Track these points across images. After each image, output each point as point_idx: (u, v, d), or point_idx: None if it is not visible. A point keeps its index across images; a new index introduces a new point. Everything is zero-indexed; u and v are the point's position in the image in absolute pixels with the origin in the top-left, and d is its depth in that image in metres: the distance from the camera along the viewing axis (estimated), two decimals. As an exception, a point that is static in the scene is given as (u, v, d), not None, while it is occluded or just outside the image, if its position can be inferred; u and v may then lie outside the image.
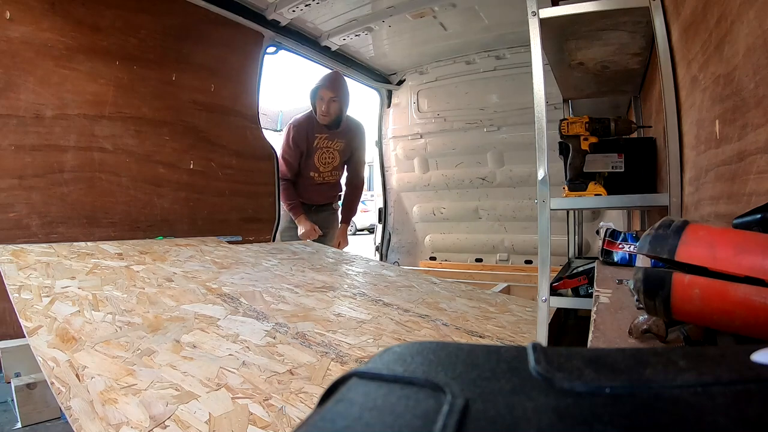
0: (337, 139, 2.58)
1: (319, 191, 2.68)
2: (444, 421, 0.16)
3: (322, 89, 2.42)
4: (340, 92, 2.45)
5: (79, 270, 1.29)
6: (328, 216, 2.77)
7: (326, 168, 2.63)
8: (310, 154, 2.56)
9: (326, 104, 2.42)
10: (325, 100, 2.42)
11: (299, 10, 2.40)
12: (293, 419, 0.74)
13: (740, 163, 0.69)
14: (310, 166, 2.58)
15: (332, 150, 2.60)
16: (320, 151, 2.56)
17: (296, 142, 2.51)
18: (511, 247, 3.22)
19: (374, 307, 1.34)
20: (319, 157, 2.58)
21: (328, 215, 2.76)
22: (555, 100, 2.09)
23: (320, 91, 2.43)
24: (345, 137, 2.61)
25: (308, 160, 2.56)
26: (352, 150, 2.69)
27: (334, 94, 2.43)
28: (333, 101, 2.43)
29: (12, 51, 1.60)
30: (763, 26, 0.60)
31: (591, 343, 0.58)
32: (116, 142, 1.92)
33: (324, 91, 2.42)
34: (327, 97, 2.42)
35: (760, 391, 0.18)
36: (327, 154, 2.60)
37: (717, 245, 0.37)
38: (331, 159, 2.62)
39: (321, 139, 2.54)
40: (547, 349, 0.22)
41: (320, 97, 2.43)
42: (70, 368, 0.82)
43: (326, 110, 2.43)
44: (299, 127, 2.52)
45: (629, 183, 1.35)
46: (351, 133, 2.65)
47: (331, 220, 2.77)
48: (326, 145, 2.57)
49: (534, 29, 1.17)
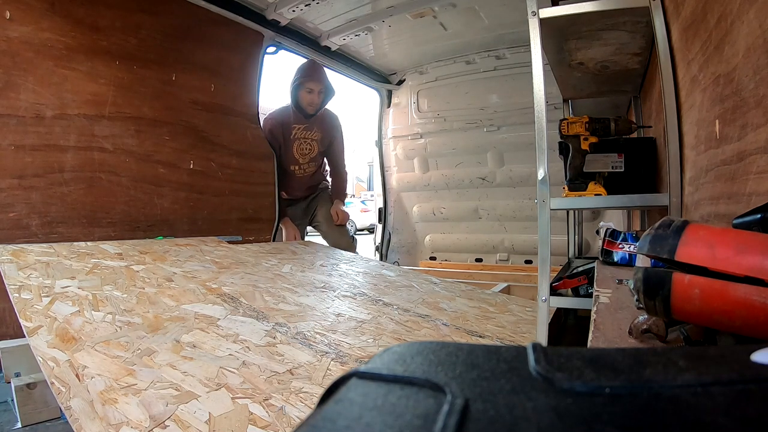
0: (315, 128, 2.61)
1: (302, 183, 2.73)
2: (444, 421, 0.16)
3: (309, 81, 2.44)
4: (326, 82, 2.50)
5: (79, 270, 1.29)
6: (317, 196, 2.80)
7: (305, 159, 2.66)
8: (288, 145, 2.59)
9: (316, 95, 2.45)
10: (315, 92, 2.45)
11: (299, 10, 2.40)
12: (293, 419, 0.74)
13: (740, 163, 0.69)
14: (289, 159, 2.61)
15: (310, 140, 2.63)
16: (298, 142, 2.59)
17: (273, 135, 2.55)
18: (511, 247, 3.22)
19: (374, 307, 1.34)
20: (297, 148, 2.60)
21: (315, 196, 2.80)
22: (555, 100, 2.09)
23: (308, 84, 2.44)
24: (321, 126, 2.64)
25: (287, 152, 2.60)
26: (330, 139, 2.70)
27: (323, 85, 2.46)
28: (321, 92, 2.47)
29: (12, 51, 1.60)
30: (763, 26, 0.60)
31: (591, 343, 0.58)
32: (116, 142, 1.92)
33: (312, 83, 2.44)
34: (316, 88, 2.45)
35: (760, 391, 0.18)
36: (305, 144, 2.63)
37: (717, 245, 0.37)
38: (309, 149, 2.64)
39: (298, 130, 2.57)
40: (547, 349, 0.22)
41: (308, 90, 2.44)
42: (70, 368, 0.81)
43: (316, 101, 2.46)
44: (274, 120, 2.57)
45: (629, 183, 1.35)
46: (327, 123, 2.67)
47: (320, 198, 2.80)
48: (303, 136, 2.61)
49: (534, 29, 1.17)
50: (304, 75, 2.43)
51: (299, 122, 2.55)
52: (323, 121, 2.64)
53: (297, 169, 2.65)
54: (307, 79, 2.43)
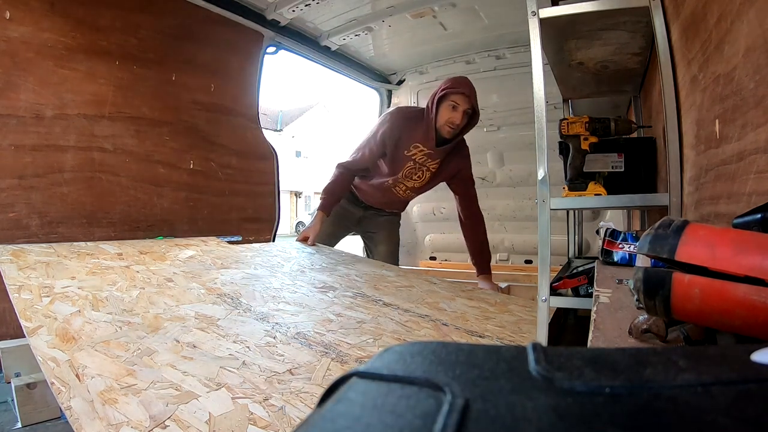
0: (438, 158, 2.02)
1: (385, 197, 2.18)
2: (444, 421, 0.16)
3: (457, 94, 1.89)
4: (476, 103, 1.94)
5: (79, 270, 1.29)
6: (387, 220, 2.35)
7: (408, 185, 2.11)
8: (396, 161, 2.02)
9: (460, 114, 1.90)
10: (459, 110, 1.90)
11: (299, 10, 2.40)
12: (293, 419, 0.74)
13: (740, 162, 0.69)
14: (391, 171, 2.06)
15: (426, 169, 2.04)
16: (411, 164, 2.02)
17: (384, 139, 2.00)
18: (511, 247, 3.22)
19: (374, 307, 1.34)
20: (406, 172, 2.04)
21: (385, 220, 2.35)
22: (555, 100, 2.09)
23: (454, 96, 1.90)
24: (447, 159, 2.04)
25: (392, 164, 2.04)
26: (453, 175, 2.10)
27: (470, 105, 1.91)
28: (466, 113, 1.92)
29: (12, 51, 1.60)
30: (763, 26, 0.60)
31: (591, 342, 0.58)
32: (116, 142, 1.92)
33: (460, 97, 1.89)
34: (463, 106, 1.90)
35: (760, 391, 0.18)
36: (418, 171, 2.05)
37: (717, 245, 0.37)
38: (419, 178, 2.08)
39: (418, 152, 2.00)
40: (547, 348, 0.22)
41: (452, 104, 1.90)
42: (70, 368, 0.81)
43: (456, 122, 1.90)
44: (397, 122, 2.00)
45: (629, 183, 1.35)
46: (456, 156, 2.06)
47: (387, 224, 2.35)
48: (422, 161, 2.01)
49: (534, 29, 1.17)
50: (451, 85, 1.91)
51: (425, 142, 1.97)
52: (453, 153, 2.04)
53: (392, 184, 2.10)
54: (453, 90, 1.90)
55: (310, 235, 2.11)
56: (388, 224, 2.37)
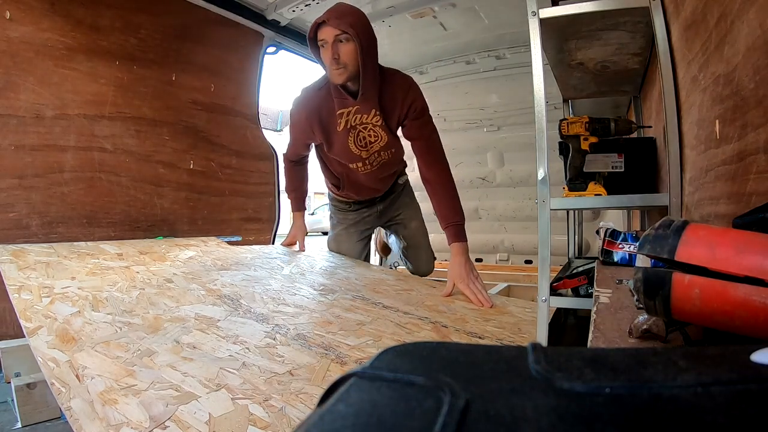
0: (371, 107, 1.62)
1: (370, 180, 1.87)
2: (444, 421, 0.16)
3: (318, 30, 1.48)
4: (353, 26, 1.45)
5: (79, 270, 1.29)
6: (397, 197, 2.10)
7: (373, 152, 1.74)
8: (339, 143, 1.69)
9: (331, 49, 1.46)
10: (329, 43, 1.46)
11: (299, 10, 2.40)
12: (293, 419, 0.73)
13: (740, 163, 0.69)
14: (343, 157, 1.75)
15: (370, 126, 1.66)
16: (353, 134, 1.67)
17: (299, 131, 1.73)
18: (511, 247, 3.22)
19: (374, 309, 1.34)
20: (358, 145, 1.70)
21: (395, 196, 2.10)
22: (555, 100, 2.09)
23: (318, 36, 1.49)
24: (383, 101, 1.63)
25: (341, 152, 1.72)
26: (404, 114, 1.67)
27: (340, 30, 1.45)
28: (340, 42, 1.46)
29: (12, 51, 1.60)
30: (763, 26, 0.60)
31: (591, 343, 0.58)
32: (116, 142, 1.92)
33: (323, 30, 1.47)
34: (329, 38, 1.46)
35: (760, 391, 0.18)
36: (365, 133, 1.68)
37: (717, 245, 0.37)
38: (374, 138, 1.70)
39: (347, 116, 1.63)
40: (547, 349, 0.22)
41: (321, 44, 1.49)
42: (70, 369, 0.81)
43: (335, 58, 1.46)
44: (304, 105, 1.67)
45: (629, 183, 1.35)
46: (390, 92, 1.63)
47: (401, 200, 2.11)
48: (358, 122, 1.65)
49: (534, 29, 1.17)
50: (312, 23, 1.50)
51: (345, 104, 1.61)
52: (386, 91, 1.62)
53: (360, 167, 1.77)
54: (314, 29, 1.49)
55: (298, 240, 2.04)
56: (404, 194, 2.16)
